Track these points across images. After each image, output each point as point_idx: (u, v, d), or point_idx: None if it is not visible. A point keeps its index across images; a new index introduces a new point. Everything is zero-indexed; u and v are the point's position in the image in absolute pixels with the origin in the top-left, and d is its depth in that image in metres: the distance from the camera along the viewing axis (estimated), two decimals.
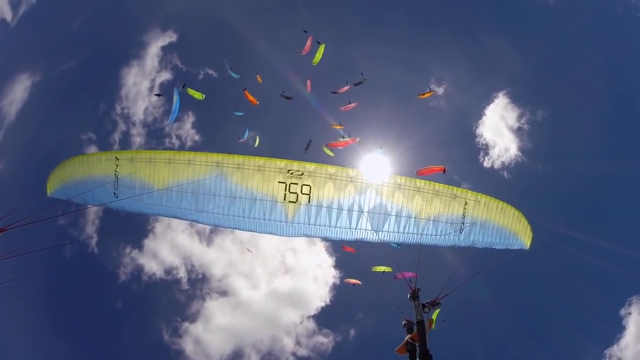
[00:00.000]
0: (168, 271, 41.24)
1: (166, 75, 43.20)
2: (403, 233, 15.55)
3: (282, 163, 14.64)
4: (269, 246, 42.07)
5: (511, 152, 42.36)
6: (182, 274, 41.63)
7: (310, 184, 14.75)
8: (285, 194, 14.75)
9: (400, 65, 45.12)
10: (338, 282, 41.08)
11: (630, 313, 38.99)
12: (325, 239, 15.69)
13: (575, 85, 44.12)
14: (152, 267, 41.04)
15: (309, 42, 31.30)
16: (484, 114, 43.66)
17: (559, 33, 44.80)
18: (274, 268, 42.92)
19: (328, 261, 42.33)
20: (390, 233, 15.41)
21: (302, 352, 40.24)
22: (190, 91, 30.05)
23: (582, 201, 42.08)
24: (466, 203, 15.95)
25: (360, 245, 27.70)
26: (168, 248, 41.82)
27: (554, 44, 44.67)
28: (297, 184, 14.68)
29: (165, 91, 42.29)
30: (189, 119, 42.54)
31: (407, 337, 12.59)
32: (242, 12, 45.78)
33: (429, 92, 33.01)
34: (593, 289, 39.68)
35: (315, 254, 42.84)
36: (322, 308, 41.40)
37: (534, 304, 39.89)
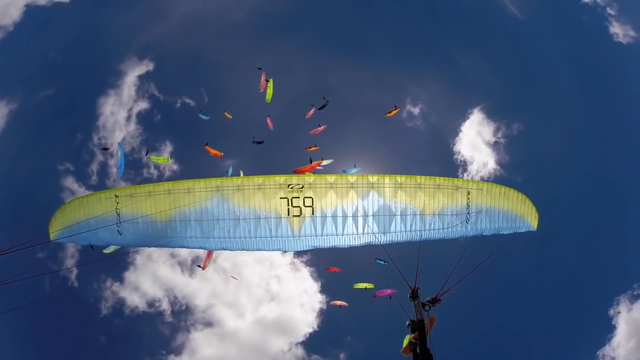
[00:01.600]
0: (150, 304, 40.69)
1: (143, 105, 43.00)
2: (410, 231, 15.52)
3: (281, 178, 14.64)
4: (252, 274, 41.97)
5: (489, 167, 43.33)
6: (165, 306, 41.04)
7: (312, 196, 14.74)
8: (288, 209, 14.73)
9: (375, 87, 46.08)
10: (325, 306, 40.78)
11: (619, 312, 39.59)
12: (334, 248, 15.52)
13: (547, 96, 45.21)
14: (134, 300, 40.49)
15: (263, 78, 31.39)
16: (461, 131, 44.41)
17: (528, 46, 46.12)
18: (258, 296, 42.44)
19: (313, 286, 41.95)
20: (397, 233, 15.38)
21: None
22: (154, 158, 29.97)
23: (562, 207, 42.23)
24: (469, 193, 15.95)
25: (345, 264, 28.04)
26: (150, 280, 41.14)
27: (525, 57, 45.85)
28: (299, 197, 14.66)
29: (143, 118, 42.05)
30: (167, 149, 42.42)
31: (411, 336, 12.61)
32: (218, 39, 46.22)
33: (395, 110, 33.41)
34: (578, 293, 40.41)
35: (300, 280, 42.43)
36: (310, 334, 41.04)
37: (522, 308, 40.01)
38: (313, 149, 31.68)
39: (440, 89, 46.52)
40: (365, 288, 27.40)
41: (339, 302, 30.68)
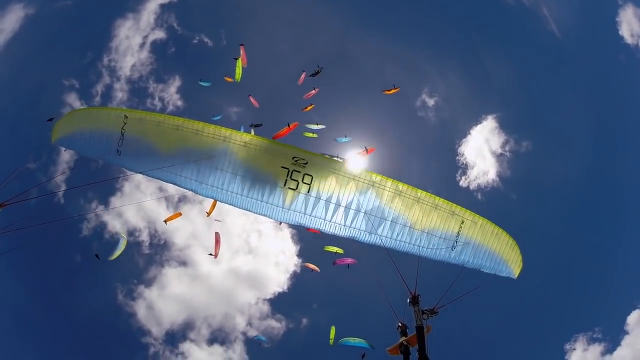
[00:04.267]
0: (131, 232, 41.24)
1: (160, 34, 42.53)
2: (395, 240, 15.52)
3: (289, 149, 14.61)
4: (235, 224, 41.94)
5: (489, 176, 42.97)
6: (144, 237, 41.67)
7: (312, 175, 14.70)
8: (286, 179, 14.71)
9: (395, 66, 45.32)
10: (298, 270, 41.23)
11: (574, 349, 40.19)
12: (319, 238, 15.59)
13: (565, 123, 44.77)
14: (116, 225, 40.95)
15: (242, 53, 30.97)
16: (469, 134, 44.02)
17: (558, 67, 45.45)
18: (237, 246, 42.72)
19: (292, 248, 42.39)
20: (383, 237, 15.38)
21: (253, 333, 40.50)
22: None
23: (547, 235, 42.79)
24: (462, 222, 15.91)
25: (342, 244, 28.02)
26: (134, 209, 41.38)
27: (552, 77, 45.21)
28: (299, 172, 14.63)
29: (157, 48, 41.23)
30: (175, 83, 42.08)
31: (402, 339, 12.75)
32: None
33: (394, 89, 32.79)
34: (539, 324, 40.57)
35: (280, 239, 42.79)
36: (279, 293, 41.63)
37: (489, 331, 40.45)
38: (309, 108, 31.70)
39: (460, 87, 46.21)
40: (335, 252, 27.55)
41: (312, 266, 30.83)
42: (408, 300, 13.05)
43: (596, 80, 44.29)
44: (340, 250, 27.45)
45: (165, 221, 31.68)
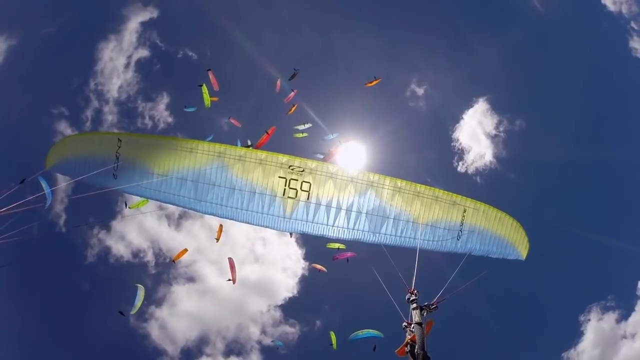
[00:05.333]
0: (135, 254, 40.75)
1: (144, 53, 41.97)
2: (400, 236, 15.52)
3: (284, 158, 14.58)
4: (239, 234, 41.91)
5: (486, 159, 42.49)
6: (149, 257, 41.07)
7: (310, 181, 14.69)
8: (284, 189, 14.70)
9: (383, 59, 44.65)
10: (307, 273, 40.84)
11: (589, 319, 40.21)
12: (322, 237, 15.57)
13: (556, 100, 44.41)
14: (120, 249, 40.57)
15: (212, 78, 30.84)
16: (462, 118, 43.55)
17: (544, 43, 45.00)
18: (243, 256, 42.56)
19: (297, 252, 41.97)
20: (387, 236, 15.38)
21: (268, 341, 40.25)
22: (133, 206, 29.31)
23: (550, 211, 42.50)
24: (465, 210, 15.92)
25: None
26: (136, 231, 41.07)
27: (539, 54, 44.92)
28: (297, 180, 14.61)
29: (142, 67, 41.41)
30: (163, 100, 41.87)
31: (407, 338, 12.69)
32: None
33: (376, 80, 32.53)
34: (554, 295, 40.88)
35: (285, 245, 42.52)
36: (290, 298, 41.19)
37: (499, 301, 40.63)
38: (292, 110, 31.71)
39: (449, 72, 45.63)
40: (338, 248, 27.68)
41: (319, 267, 30.98)
42: (406, 297, 13.02)
43: (582, 50, 44.32)
44: (342, 246, 27.63)
45: (174, 260, 32.02)
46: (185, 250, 31.33)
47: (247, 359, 40.42)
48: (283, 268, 42.13)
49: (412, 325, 12.30)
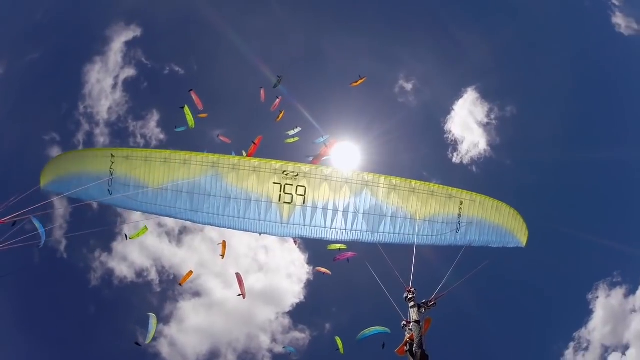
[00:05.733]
0: (139, 274, 40.83)
1: (130, 72, 42.16)
2: (399, 234, 15.54)
3: (277, 164, 14.59)
4: (241, 244, 41.96)
5: (480, 147, 42.69)
6: (153, 275, 41.18)
7: (305, 185, 14.70)
8: (280, 194, 14.71)
9: (369, 58, 44.98)
10: (312, 277, 41.05)
11: (597, 297, 40.58)
12: (321, 240, 15.60)
13: (543, 81, 44.65)
14: (123, 270, 40.60)
15: (195, 98, 30.86)
16: (453, 110, 43.80)
17: (528, 27, 45.04)
18: (246, 266, 42.54)
19: (301, 258, 42.23)
20: (386, 234, 15.40)
21: (279, 348, 40.31)
22: (134, 236, 29.26)
23: (548, 193, 43.08)
24: (461, 203, 15.95)
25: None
26: (137, 250, 41.11)
27: (523, 38, 44.99)
28: (292, 185, 14.63)
29: (130, 86, 41.49)
30: (153, 117, 41.96)
31: (406, 337, 12.70)
32: (211, 1, 44.72)
33: (361, 80, 32.50)
34: (559, 276, 41.06)
35: (288, 252, 42.66)
36: (297, 304, 41.47)
37: (504, 291, 40.91)
38: (280, 117, 31.79)
39: (435, 65, 45.98)
40: (339, 249, 27.77)
41: (323, 270, 31.08)
42: (404, 296, 13.02)
43: (565, 29, 44.42)
44: (343, 246, 27.70)
45: (180, 283, 32.20)
46: (191, 272, 31.56)
47: None
48: (288, 274, 42.37)
49: (411, 323, 12.33)
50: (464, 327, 39.61)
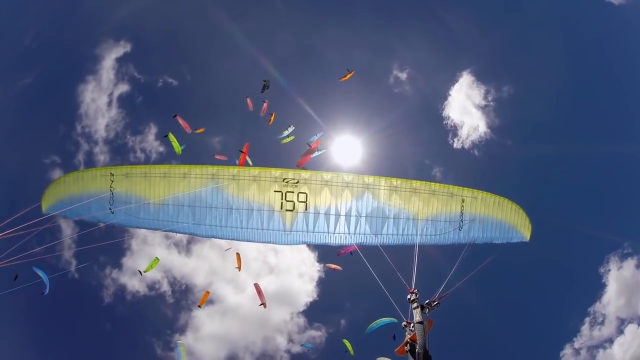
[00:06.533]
0: (151, 287, 40.81)
1: (124, 88, 42.06)
2: (402, 235, 15.54)
3: (277, 172, 14.61)
4: (249, 249, 42.00)
5: (480, 130, 42.39)
6: (165, 287, 41.13)
7: (306, 192, 14.72)
8: (281, 202, 14.72)
9: (361, 50, 44.76)
10: (323, 275, 41.21)
11: (609, 270, 40.23)
12: (324, 245, 15.61)
13: (538, 57, 44.21)
14: (135, 284, 40.63)
15: (181, 122, 31.12)
16: (450, 95, 43.47)
17: (520, 5, 44.95)
18: (257, 270, 42.68)
19: (310, 256, 42.27)
20: (389, 236, 15.40)
21: (296, 348, 40.33)
22: (148, 268, 29.57)
23: (553, 170, 42.72)
24: (463, 200, 15.96)
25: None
26: (147, 263, 41.30)
27: (514, 17, 44.64)
28: (293, 192, 14.64)
29: (125, 102, 41.81)
30: (151, 131, 42.01)
31: (407, 337, 12.63)
32: (198, 9, 44.35)
33: (349, 74, 32.29)
34: (569, 252, 40.94)
35: (297, 251, 42.52)
36: (311, 302, 41.50)
37: (515, 263, 40.51)
38: (272, 119, 31.84)
39: (428, 52, 45.71)
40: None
41: (333, 266, 31.07)
42: (407, 297, 12.98)
43: (557, 5, 43.81)
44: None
45: (199, 305, 32.24)
46: (207, 293, 31.77)
47: None
48: (299, 274, 42.36)
49: (412, 324, 12.27)
50: (473, 316, 39.52)
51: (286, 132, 30.80)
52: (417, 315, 12.43)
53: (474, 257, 16.53)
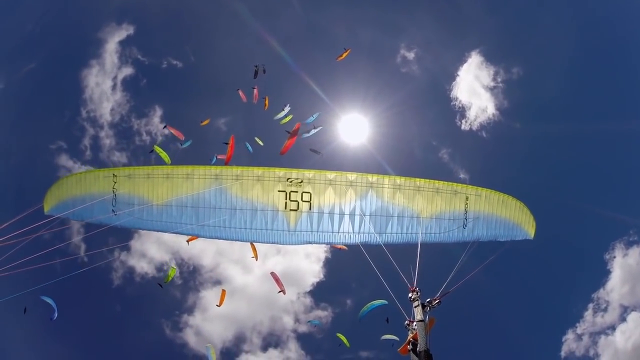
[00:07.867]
0: (159, 268, 41.11)
1: (128, 71, 41.99)
2: (406, 233, 15.48)
3: (281, 172, 14.55)
4: None
5: (488, 112, 41.76)
6: None
7: (310, 191, 14.66)
8: (285, 202, 14.67)
9: (368, 29, 44.03)
10: (329, 255, 41.48)
11: (614, 257, 40.04)
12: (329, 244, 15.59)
13: (548, 39, 43.27)
14: (143, 266, 41.08)
15: (173, 131, 31.26)
16: (458, 75, 42.75)
17: None
18: (264, 251, 42.92)
19: None
20: (393, 234, 15.34)
21: (303, 328, 40.90)
22: (170, 276, 29.93)
23: (560, 155, 42.03)
24: (467, 198, 15.90)
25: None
26: (155, 246, 41.39)
27: None
28: (297, 191, 14.59)
29: (129, 85, 41.69)
30: (156, 113, 41.86)
31: (410, 336, 12.57)
32: None
33: (345, 52, 31.91)
34: (574, 237, 40.71)
35: None
36: (317, 283, 41.87)
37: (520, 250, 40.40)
38: (267, 103, 31.68)
39: (436, 31, 44.94)
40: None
41: (339, 245, 31.13)
42: (408, 295, 12.89)
43: None
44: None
45: (218, 305, 32.17)
46: (224, 291, 31.74)
47: (285, 349, 41.08)
48: (306, 255, 42.53)
49: (414, 323, 12.21)
50: (476, 300, 38.95)
51: (283, 113, 30.57)
52: (418, 314, 12.37)
53: (474, 253, 16.47)
